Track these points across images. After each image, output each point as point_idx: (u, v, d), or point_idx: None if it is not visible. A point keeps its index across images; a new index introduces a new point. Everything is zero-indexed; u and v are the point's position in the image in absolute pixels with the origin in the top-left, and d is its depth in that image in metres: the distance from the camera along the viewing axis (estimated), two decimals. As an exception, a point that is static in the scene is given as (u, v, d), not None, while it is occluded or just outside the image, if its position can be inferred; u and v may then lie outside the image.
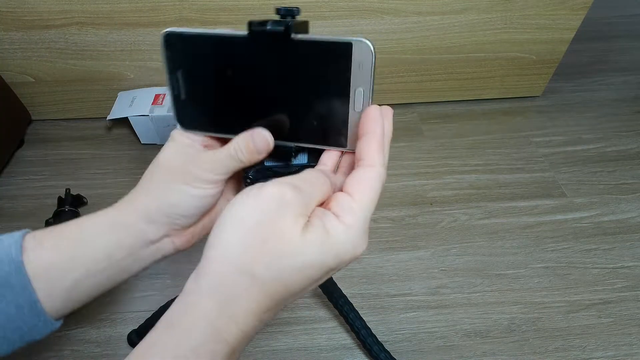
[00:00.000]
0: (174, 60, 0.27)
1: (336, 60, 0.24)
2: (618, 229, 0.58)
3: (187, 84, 0.28)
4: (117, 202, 0.28)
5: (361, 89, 0.25)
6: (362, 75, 0.24)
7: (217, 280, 0.22)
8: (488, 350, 0.47)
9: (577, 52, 0.85)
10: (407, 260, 0.55)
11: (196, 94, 0.28)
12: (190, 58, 0.27)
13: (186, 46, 0.27)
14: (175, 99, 0.29)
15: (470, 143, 0.71)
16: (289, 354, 0.47)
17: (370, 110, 0.24)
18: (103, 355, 0.47)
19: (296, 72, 0.26)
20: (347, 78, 0.24)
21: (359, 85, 0.25)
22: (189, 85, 0.28)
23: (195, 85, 0.28)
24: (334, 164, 0.28)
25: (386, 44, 0.67)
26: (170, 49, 0.27)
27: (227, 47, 0.26)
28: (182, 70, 0.27)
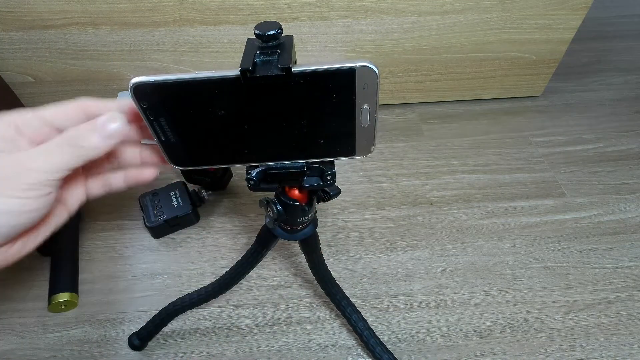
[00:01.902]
0: (152, 110, 0.25)
1: (340, 86, 0.24)
2: (618, 229, 0.58)
3: (173, 129, 0.26)
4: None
5: (367, 107, 0.25)
6: (367, 94, 0.24)
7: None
8: (488, 350, 0.47)
9: (577, 52, 0.85)
10: (407, 260, 0.55)
11: (187, 137, 0.26)
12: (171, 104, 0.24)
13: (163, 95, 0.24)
14: (163, 144, 0.26)
15: (470, 143, 0.71)
16: (289, 354, 0.47)
17: None
18: (103, 355, 0.47)
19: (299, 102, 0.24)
20: (352, 100, 0.24)
21: (364, 104, 0.25)
22: (175, 129, 0.26)
23: (184, 129, 0.26)
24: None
25: (386, 44, 0.67)
26: (143, 99, 0.24)
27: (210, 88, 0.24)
28: (163, 118, 0.25)
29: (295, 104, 0.24)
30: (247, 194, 0.63)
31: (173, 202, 0.57)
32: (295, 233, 0.37)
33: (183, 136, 0.26)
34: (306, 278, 0.53)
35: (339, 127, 0.26)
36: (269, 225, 0.37)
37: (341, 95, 0.24)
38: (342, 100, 0.24)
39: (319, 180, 0.30)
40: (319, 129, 0.26)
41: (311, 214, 0.36)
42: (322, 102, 0.24)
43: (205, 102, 0.24)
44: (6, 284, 0.53)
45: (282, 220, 0.36)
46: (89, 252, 0.56)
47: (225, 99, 0.24)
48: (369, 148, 0.27)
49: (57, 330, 0.49)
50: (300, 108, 0.25)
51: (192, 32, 0.62)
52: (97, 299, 0.52)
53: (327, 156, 0.28)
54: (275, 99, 0.24)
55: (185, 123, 0.26)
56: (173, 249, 0.57)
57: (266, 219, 0.37)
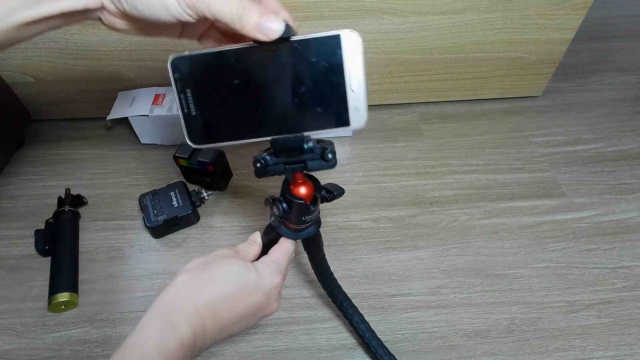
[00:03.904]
0: (181, 80, 0.29)
1: (330, 51, 0.28)
2: (618, 229, 0.58)
3: (195, 100, 0.30)
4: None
5: (354, 71, 0.29)
6: (354, 59, 0.28)
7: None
8: (488, 350, 0.47)
9: (577, 52, 0.85)
10: (407, 260, 0.55)
11: (205, 108, 0.30)
12: (197, 76, 0.30)
13: (192, 66, 0.29)
14: (186, 117, 0.31)
15: (470, 143, 0.71)
16: (289, 354, 0.47)
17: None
18: (103, 355, 0.47)
19: (297, 67, 0.29)
20: (341, 64, 0.28)
21: (352, 68, 0.28)
22: (197, 101, 0.30)
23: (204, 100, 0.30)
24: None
25: (386, 44, 0.67)
26: (177, 71, 0.29)
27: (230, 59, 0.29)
28: (190, 89, 0.30)
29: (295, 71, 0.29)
30: (248, 194, 0.63)
31: (173, 202, 0.57)
32: (299, 232, 0.38)
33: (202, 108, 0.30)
34: (306, 278, 0.53)
35: (332, 92, 0.29)
36: (274, 223, 0.38)
37: (331, 59, 0.28)
38: (332, 64, 0.28)
39: (322, 161, 0.32)
40: (317, 95, 0.30)
41: (315, 213, 0.37)
42: (317, 67, 0.29)
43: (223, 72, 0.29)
44: (6, 284, 0.53)
45: (286, 218, 0.36)
46: (89, 252, 0.56)
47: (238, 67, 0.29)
48: (363, 117, 0.30)
49: (57, 330, 0.49)
50: (299, 74, 0.29)
51: (192, 32, 0.62)
52: (97, 299, 0.52)
53: (325, 126, 0.31)
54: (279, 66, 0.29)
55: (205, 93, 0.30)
56: (173, 249, 0.57)
57: (271, 217, 0.38)
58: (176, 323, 0.30)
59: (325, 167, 0.32)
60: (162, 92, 0.66)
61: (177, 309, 0.30)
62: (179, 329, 0.29)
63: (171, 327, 0.29)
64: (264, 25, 0.26)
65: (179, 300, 0.31)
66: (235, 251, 0.37)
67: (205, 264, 0.34)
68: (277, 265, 0.36)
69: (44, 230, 0.56)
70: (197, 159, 0.58)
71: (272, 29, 0.27)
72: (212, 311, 0.31)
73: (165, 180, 0.62)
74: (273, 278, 0.34)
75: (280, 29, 0.27)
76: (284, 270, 0.37)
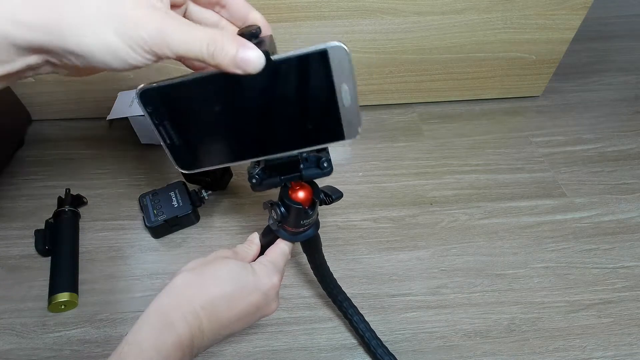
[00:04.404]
0: (156, 113, 0.27)
1: (317, 67, 0.26)
2: (618, 229, 0.58)
3: (176, 130, 0.28)
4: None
5: (345, 86, 0.26)
6: (343, 73, 0.26)
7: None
8: (488, 350, 0.47)
9: (577, 52, 0.85)
10: (407, 260, 0.55)
11: (189, 137, 0.28)
12: (173, 106, 0.27)
13: (166, 97, 0.27)
14: (169, 147, 0.29)
15: (470, 143, 0.71)
16: (289, 354, 0.47)
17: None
18: (103, 355, 0.47)
19: (283, 89, 0.26)
20: (331, 80, 0.26)
21: (343, 83, 0.26)
22: (178, 131, 0.28)
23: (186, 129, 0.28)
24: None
25: (386, 44, 0.67)
26: (149, 104, 0.27)
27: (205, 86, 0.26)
28: (167, 120, 0.27)
29: (280, 91, 0.26)
30: (247, 194, 0.63)
31: (173, 202, 0.57)
32: (297, 235, 0.38)
33: (185, 137, 0.28)
34: (306, 278, 0.53)
35: (323, 110, 0.27)
36: (273, 227, 0.38)
37: (319, 76, 0.26)
38: (321, 81, 0.26)
39: (317, 170, 0.31)
40: (306, 114, 0.28)
41: (313, 216, 0.37)
42: (304, 85, 0.26)
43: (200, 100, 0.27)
44: (6, 284, 0.53)
45: (285, 222, 0.36)
46: (89, 252, 0.56)
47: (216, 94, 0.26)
48: (356, 129, 0.28)
49: (57, 330, 0.49)
50: (285, 94, 0.27)
51: (192, 32, 0.62)
52: (97, 299, 0.52)
53: (318, 142, 0.29)
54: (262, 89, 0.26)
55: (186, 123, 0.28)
56: (173, 249, 0.57)
57: (269, 220, 0.38)
58: (173, 322, 0.30)
59: (320, 175, 0.32)
60: (162, 92, 0.66)
61: (175, 309, 0.31)
62: (177, 329, 0.30)
63: (168, 327, 0.30)
64: (241, 60, 0.23)
65: (176, 300, 0.31)
66: (234, 252, 0.37)
67: (203, 264, 0.34)
68: (274, 265, 0.36)
69: (44, 230, 0.56)
70: (197, 159, 0.58)
71: (251, 62, 0.23)
72: (210, 311, 0.32)
73: (165, 180, 0.62)
74: (271, 278, 0.35)
75: (260, 61, 0.24)
76: (281, 270, 0.37)
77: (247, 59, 0.23)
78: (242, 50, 0.23)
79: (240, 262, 0.35)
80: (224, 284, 0.33)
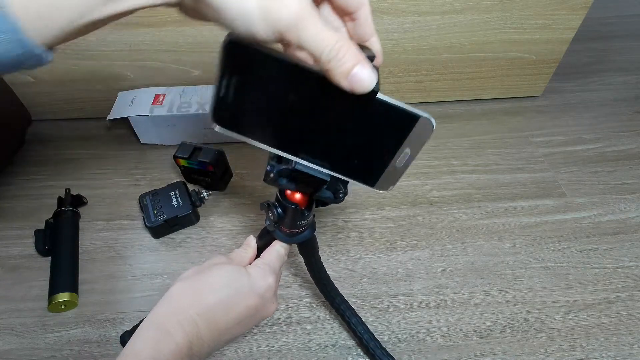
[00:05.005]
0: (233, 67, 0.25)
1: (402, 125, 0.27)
2: (618, 229, 0.58)
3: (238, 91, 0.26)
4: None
5: (408, 151, 0.28)
6: (416, 142, 0.27)
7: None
8: (488, 350, 0.47)
9: (577, 52, 0.85)
10: (407, 260, 0.55)
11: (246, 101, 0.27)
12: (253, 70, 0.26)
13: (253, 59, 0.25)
14: (218, 98, 0.27)
15: (470, 143, 0.71)
16: (289, 354, 0.47)
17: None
18: (103, 355, 0.47)
19: (361, 121, 0.27)
20: (402, 140, 0.27)
21: (408, 147, 0.27)
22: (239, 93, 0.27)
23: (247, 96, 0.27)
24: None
25: (386, 44, 0.67)
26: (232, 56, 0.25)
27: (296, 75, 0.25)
28: (238, 77, 0.26)
29: (357, 122, 0.27)
30: (248, 194, 0.63)
31: (173, 202, 0.57)
32: (293, 236, 0.38)
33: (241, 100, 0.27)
34: (306, 278, 0.53)
35: (377, 157, 0.28)
36: (269, 228, 0.38)
37: (396, 132, 0.27)
38: (394, 136, 0.27)
39: (331, 196, 0.32)
40: (361, 151, 0.28)
41: (310, 217, 0.37)
42: (378, 129, 0.27)
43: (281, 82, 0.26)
44: (6, 284, 0.53)
45: (281, 223, 0.37)
46: (89, 252, 0.56)
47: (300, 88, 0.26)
48: (389, 187, 0.29)
49: (57, 330, 0.49)
50: (359, 127, 0.27)
51: (192, 32, 0.62)
52: (97, 299, 0.52)
53: (351, 177, 0.29)
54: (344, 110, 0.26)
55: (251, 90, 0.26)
56: (173, 249, 0.57)
57: (266, 221, 0.38)
58: (170, 331, 0.30)
59: (332, 202, 0.33)
60: (162, 92, 0.66)
61: (171, 319, 0.31)
62: (174, 337, 0.30)
63: (166, 336, 0.30)
64: (353, 76, 0.23)
65: (173, 310, 0.32)
66: (228, 258, 0.37)
67: (198, 272, 0.35)
68: (269, 266, 0.36)
69: (44, 230, 0.56)
70: (197, 159, 0.58)
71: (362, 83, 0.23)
72: (207, 318, 0.32)
73: (165, 180, 0.62)
74: (266, 280, 0.35)
75: (370, 85, 0.23)
76: (277, 271, 0.37)
77: (359, 78, 0.23)
78: (360, 68, 0.23)
79: (235, 266, 0.35)
80: (219, 290, 0.33)
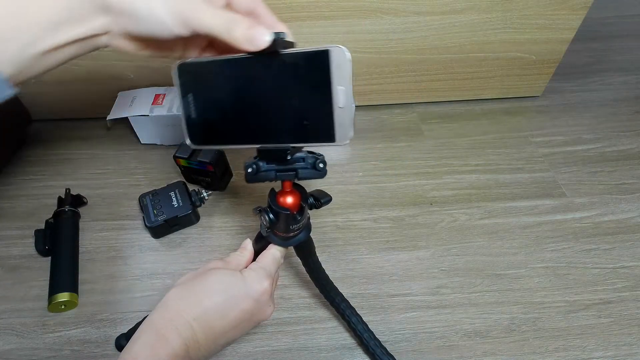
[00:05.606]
0: (185, 85, 0.32)
1: (318, 66, 0.28)
2: (618, 229, 0.58)
3: (196, 104, 0.32)
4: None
5: (342, 87, 0.28)
6: (341, 76, 0.28)
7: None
8: (488, 350, 0.47)
9: (577, 52, 0.85)
10: (407, 260, 0.55)
11: (205, 112, 0.33)
12: (198, 82, 0.32)
13: (194, 72, 0.32)
14: (188, 119, 0.33)
15: (470, 143, 0.71)
16: (289, 354, 0.47)
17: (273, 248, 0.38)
18: (103, 355, 0.47)
19: (286, 80, 0.29)
20: (329, 79, 0.28)
21: (340, 84, 0.28)
22: (198, 105, 0.32)
23: (204, 104, 0.32)
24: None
25: (386, 44, 0.67)
26: (182, 76, 0.32)
27: (225, 67, 0.30)
28: (192, 93, 0.32)
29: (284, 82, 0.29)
30: (247, 194, 0.63)
31: (173, 202, 0.57)
32: (288, 240, 0.38)
33: (200, 111, 0.32)
34: (306, 278, 0.53)
35: (319, 108, 0.29)
36: (263, 233, 0.38)
37: (319, 74, 0.28)
38: (321, 78, 0.28)
39: (313, 171, 0.32)
40: (304, 108, 0.30)
41: (303, 221, 0.37)
42: (306, 80, 0.29)
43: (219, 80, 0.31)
44: (6, 284, 0.53)
45: (275, 228, 0.37)
46: (89, 252, 0.56)
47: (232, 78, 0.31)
48: (348, 134, 0.29)
49: (57, 330, 0.49)
50: (288, 87, 0.29)
51: (192, 32, 0.62)
52: (97, 299, 0.52)
53: (310, 140, 0.31)
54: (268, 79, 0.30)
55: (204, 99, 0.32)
56: (173, 249, 0.57)
57: (261, 226, 0.38)
58: (167, 336, 0.31)
59: (315, 176, 0.33)
60: (162, 92, 0.66)
61: (168, 323, 0.32)
62: (170, 342, 0.31)
63: (162, 340, 0.30)
64: (250, 35, 0.27)
65: (169, 314, 0.32)
66: (225, 262, 0.38)
67: (195, 277, 0.35)
68: (265, 270, 0.36)
69: (44, 230, 0.56)
70: (197, 159, 0.58)
71: (259, 37, 0.27)
72: (203, 322, 0.32)
73: (165, 180, 0.62)
74: (262, 284, 0.35)
75: (267, 39, 0.27)
76: (273, 275, 0.37)
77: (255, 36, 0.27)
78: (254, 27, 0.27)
79: (231, 271, 0.36)
80: (214, 295, 0.34)
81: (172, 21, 0.26)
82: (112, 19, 0.27)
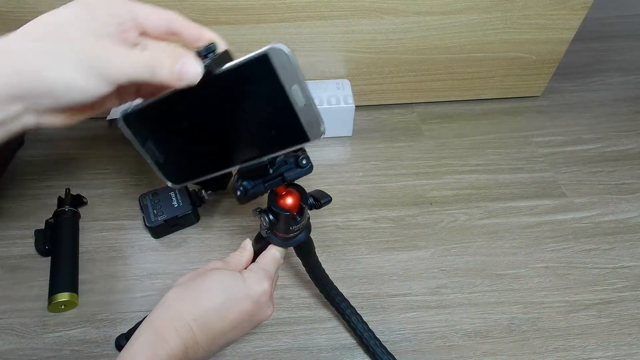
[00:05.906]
0: (139, 134, 0.30)
1: (262, 72, 0.26)
2: (618, 229, 0.58)
3: (157, 148, 0.31)
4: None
5: (296, 86, 0.26)
6: (289, 74, 0.25)
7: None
8: (488, 350, 0.47)
9: (577, 52, 0.85)
10: (407, 260, 0.55)
11: (169, 153, 0.31)
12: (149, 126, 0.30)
13: (142, 118, 0.29)
14: (156, 165, 0.32)
15: (470, 143, 0.71)
16: (289, 354, 0.47)
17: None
18: (103, 355, 0.47)
19: (237, 97, 0.27)
20: (279, 83, 0.26)
21: (292, 84, 0.26)
22: (159, 148, 0.31)
23: (165, 146, 0.31)
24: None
25: (386, 44, 0.67)
26: (131, 127, 0.30)
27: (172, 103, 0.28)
28: (149, 139, 0.30)
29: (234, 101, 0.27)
30: (247, 194, 0.63)
31: (173, 202, 0.57)
32: (288, 240, 0.38)
33: (166, 154, 0.31)
34: (306, 278, 0.53)
35: (280, 113, 0.27)
36: (263, 234, 0.38)
37: (267, 80, 0.26)
38: (270, 85, 0.26)
39: (298, 169, 0.32)
40: (265, 119, 0.28)
41: (303, 222, 0.37)
42: (255, 91, 0.27)
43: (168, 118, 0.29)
44: (6, 284, 0.53)
45: (274, 229, 0.37)
46: (89, 252, 0.56)
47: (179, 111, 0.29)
48: (319, 129, 0.28)
49: (57, 330, 0.49)
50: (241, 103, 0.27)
51: (192, 32, 0.62)
52: (97, 299, 0.52)
53: (284, 146, 0.29)
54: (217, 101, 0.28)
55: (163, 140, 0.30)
56: (173, 249, 0.57)
57: (261, 227, 0.38)
58: (166, 336, 0.31)
59: (302, 173, 0.32)
60: (162, 92, 0.66)
61: (167, 323, 0.32)
62: (169, 342, 0.30)
63: (161, 341, 0.30)
64: (178, 72, 0.25)
65: (168, 314, 0.32)
66: (225, 262, 0.38)
67: (194, 277, 0.35)
68: (264, 271, 0.36)
69: (44, 230, 0.56)
70: (197, 159, 0.58)
71: (188, 72, 0.25)
72: (202, 323, 0.32)
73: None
74: (262, 285, 0.35)
75: (198, 71, 0.25)
76: (272, 275, 0.37)
77: (184, 71, 0.25)
78: (179, 65, 0.25)
79: (230, 271, 0.36)
80: (213, 295, 0.33)
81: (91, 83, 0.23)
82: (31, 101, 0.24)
